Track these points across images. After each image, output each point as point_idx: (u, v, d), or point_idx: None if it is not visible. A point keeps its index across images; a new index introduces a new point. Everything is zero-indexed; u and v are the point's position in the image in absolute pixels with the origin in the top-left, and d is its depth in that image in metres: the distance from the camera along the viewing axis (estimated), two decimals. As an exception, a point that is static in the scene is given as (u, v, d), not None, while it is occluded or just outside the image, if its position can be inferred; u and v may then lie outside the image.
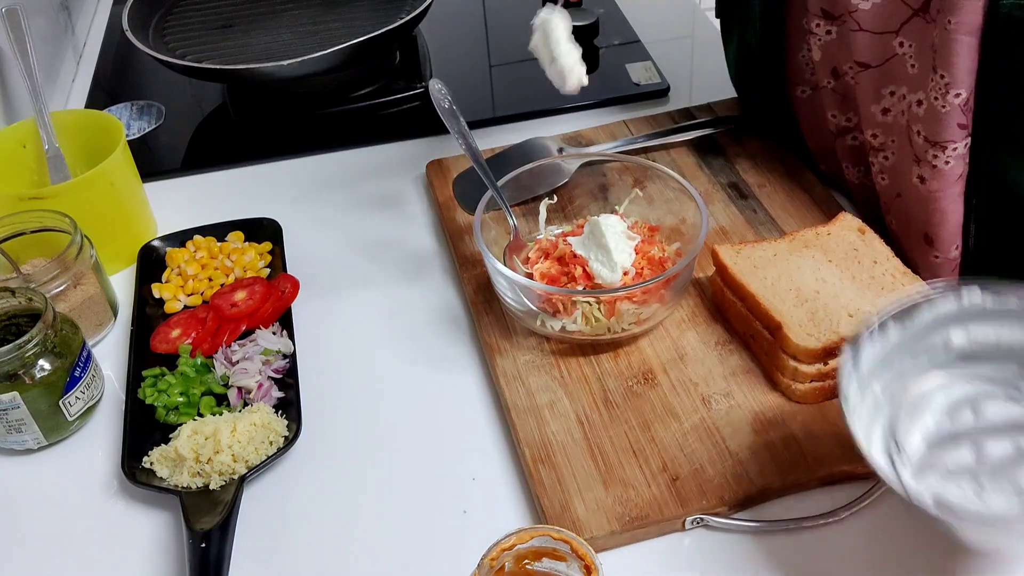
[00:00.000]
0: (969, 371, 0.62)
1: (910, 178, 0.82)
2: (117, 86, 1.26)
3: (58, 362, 0.76)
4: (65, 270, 0.82)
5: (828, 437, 0.72)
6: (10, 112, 1.10)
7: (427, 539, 0.70)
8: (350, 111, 1.15)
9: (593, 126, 1.07)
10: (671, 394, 0.76)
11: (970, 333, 0.61)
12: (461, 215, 0.95)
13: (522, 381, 0.78)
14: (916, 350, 0.61)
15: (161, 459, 0.74)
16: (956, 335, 0.61)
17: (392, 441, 0.77)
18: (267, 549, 0.70)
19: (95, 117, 0.99)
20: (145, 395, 0.79)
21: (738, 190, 0.95)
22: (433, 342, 0.85)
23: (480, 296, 0.86)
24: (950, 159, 0.77)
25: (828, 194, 0.93)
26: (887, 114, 0.83)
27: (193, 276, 0.90)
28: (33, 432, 0.76)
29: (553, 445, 0.73)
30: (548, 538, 0.58)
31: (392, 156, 1.08)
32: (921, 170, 0.80)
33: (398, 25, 1.08)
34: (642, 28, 1.25)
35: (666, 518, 0.68)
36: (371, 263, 0.94)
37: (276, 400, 0.79)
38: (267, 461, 0.73)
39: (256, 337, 0.83)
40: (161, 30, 1.19)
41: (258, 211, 0.97)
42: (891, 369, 0.60)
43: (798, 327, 0.74)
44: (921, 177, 0.80)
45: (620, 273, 0.79)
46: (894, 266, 0.79)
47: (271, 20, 1.22)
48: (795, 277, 0.79)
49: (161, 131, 1.16)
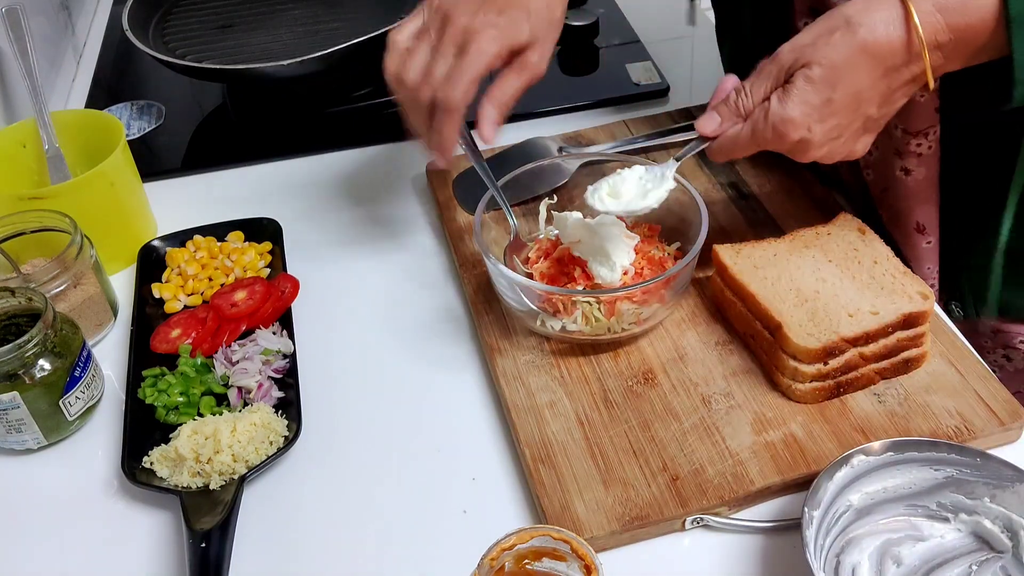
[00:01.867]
0: (870, 522, 0.67)
1: (894, 172, 0.82)
2: (117, 86, 1.26)
3: (58, 362, 0.76)
4: (65, 270, 0.82)
5: (828, 437, 0.72)
6: (10, 112, 1.10)
7: (427, 539, 0.70)
8: (350, 111, 1.15)
9: (593, 126, 1.06)
10: (671, 394, 0.76)
11: (864, 491, 0.68)
12: (461, 215, 0.95)
13: (522, 381, 0.78)
14: (829, 525, 0.66)
15: (161, 459, 0.74)
16: (854, 497, 0.67)
17: (392, 441, 0.77)
18: (267, 549, 0.70)
19: (95, 117, 0.99)
20: (145, 395, 0.79)
21: (738, 190, 0.95)
22: (433, 342, 0.85)
23: (480, 296, 0.86)
24: (932, 143, 0.79)
25: (828, 194, 0.93)
26: None
27: (193, 276, 0.90)
28: (33, 432, 0.76)
29: (553, 445, 0.73)
30: (548, 538, 0.58)
31: (392, 156, 1.08)
32: (904, 162, 0.81)
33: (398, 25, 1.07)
34: (642, 28, 1.25)
35: (666, 518, 0.68)
36: (371, 263, 0.94)
37: (276, 400, 0.79)
38: (267, 461, 0.73)
39: (256, 337, 0.83)
40: (161, 30, 1.19)
41: (258, 211, 0.97)
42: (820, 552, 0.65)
43: (798, 327, 0.74)
44: (905, 169, 0.81)
45: (620, 273, 0.79)
46: (894, 266, 0.79)
47: (271, 20, 1.22)
48: (795, 277, 0.79)
49: (161, 131, 1.16)
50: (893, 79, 0.70)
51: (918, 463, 0.67)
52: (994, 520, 0.66)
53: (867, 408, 0.74)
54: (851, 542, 0.66)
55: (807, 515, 0.63)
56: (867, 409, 0.74)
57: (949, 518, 0.67)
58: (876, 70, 0.70)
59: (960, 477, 0.67)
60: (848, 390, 0.74)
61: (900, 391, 0.75)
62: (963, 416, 0.72)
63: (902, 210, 0.85)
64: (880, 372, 0.75)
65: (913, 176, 0.81)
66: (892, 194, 0.85)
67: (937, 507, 0.67)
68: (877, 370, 0.75)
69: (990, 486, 0.66)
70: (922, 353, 0.76)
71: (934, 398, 0.74)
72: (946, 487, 0.67)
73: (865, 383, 0.75)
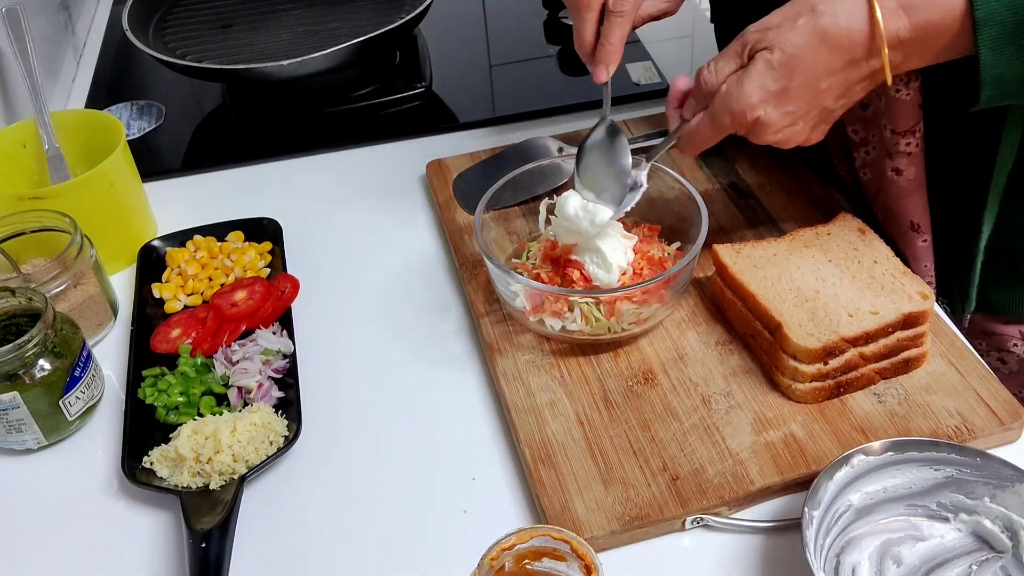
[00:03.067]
0: (870, 522, 0.67)
1: (886, 172, 0.83)
2: (117, 86, 1.26)
3: (58, 362, 0.76)
4: (65, 270, 0.82)
5: (828, 437, 0.72)
6: (10, 112, 1.10)
7: (427, 539, 0.70)
8: (350, 111, 1.15)
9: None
10: (671, 394, 0.76)
11: (864, 490, 0.68)
12: (461, 215, 0.95)
13: (522, 381, 0.78)
14: (829, 525, 0.66)
15: (161, 459, 0.74)
16: (853, 497, 0.67)
17: (392, 441, 0.77)
18: (267, 549, 0.70)
19: (95, 117, 0.99)
20: (145, 395, 0.79)
21: (738, 190, 0.95)
22: (433, 342, 0.85)
23: (480, 296, 0.86)
24: (918, 141, 0.80)
25: (828, 193, 0.93)
26: (866, 108, 0.83)
27: (193, 276, 0.90)
28: (33, 432, 0.76)
29: (553, 445, 0.73)
30: (548, 538, 0.58)
31: (392, 156, 1.08)
32: (895, 162, 0.81)
33: (398, 25, 1.08)
34: (642, 28, 1.25)
35: (666, 518, 0.68)
36: (371, 263, 0.94)
37: (276, 400, 0.79)
38: (267, 461, 0.73)
39: (256, 337, 0.83)
40: (161, 30, 1.19)
41: (258, 211, 0.97)
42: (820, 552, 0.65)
43: (798, 327, 0.74)
44: (896, 169, 0.81)
45: (616, 274, 0.79)
46: (894, 266, 0.79)
47: (271, 20, 1.22)
48: (795, 277, 0.79)
49: (161, 131, 1.16)
50: (852, 72, 0.70)
51: (918, 463, 0.67)
52: (994, 520, 0.66)
53: (867, 408, 0.74)
54: (851, 542, 0.66)
55: (807, 515, 0.63)
56: (867, 409, 0.74)
57: (949, 518, 0.67)
58: (836, 62, 0.70)
59: (960, 477, 0.67)
60: (848, 390, 0.74)
61: (900, 391, 0.75)
62: (963, 416, 0.72)
63: (896, 209, 0.86)
64: (880, 372, 0.75)
65: (904, 175, 0.82)
66: (886, 194, 0.86)
67: (937, 507, 0.67)
68: (877, 370, 0.75)
69: (990, 486, 0.66)
70: (922, 353, 0.76)
71: (934, 398, 0.74)
72: (946, 487, 0.67)
73: (865, 383, 0.75)
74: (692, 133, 0.76)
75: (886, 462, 0.67)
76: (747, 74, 0.71)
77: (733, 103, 0.71)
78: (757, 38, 0.71)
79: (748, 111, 0.71)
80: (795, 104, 0.71)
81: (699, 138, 0.76)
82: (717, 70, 0.73)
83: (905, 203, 0.85)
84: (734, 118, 0.72)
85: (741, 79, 0.71)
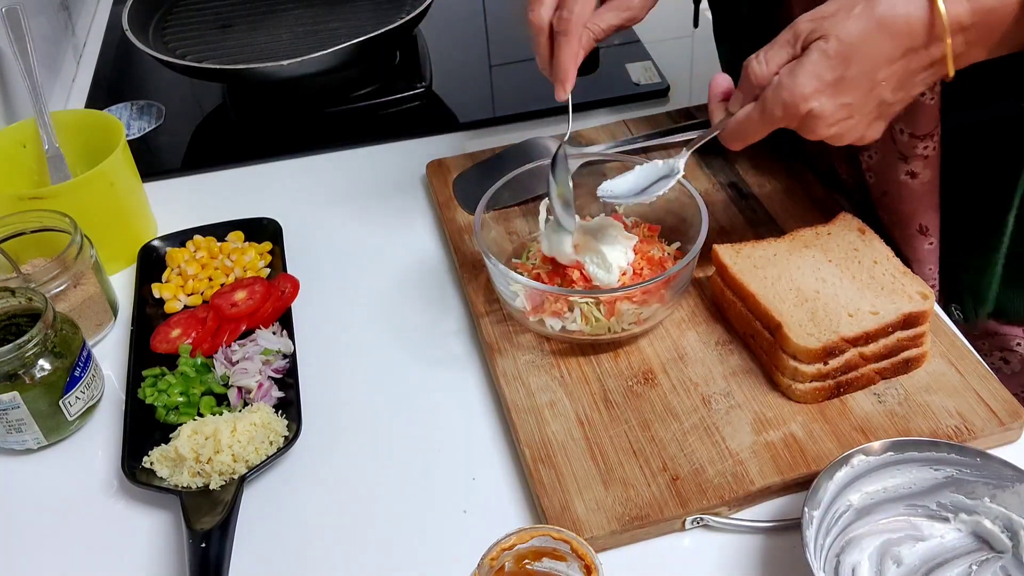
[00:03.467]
0: (870, 522, 0.67)
1: (897, 176, 0.82)
2: (117, 86, 1.26)
3: (58, 362, 0.76)
4: (65, 270, 0.82)
5: (828, 437, 0.72)
6: (10, 112, 1.10)
7: (427, 539, 0.70)
8: (350, 111, 1.15)
9: (593, 126, 1.06)
10: (671, 394, 0.76)
11: (864, 490, 0.68)
12: (461, 215, 0.95)
13: (522, 381, 0.78)
14: (829, 525, 0.66)
15: (161, 459, 0.74)
16: (853, 497, 0.67)
17: (392, 441, 0.77)
18: (267, 549, 0.70)
19: (95, 117, 0.99)
20: (145, 395, 0.79)
21: (738, 190, 0.95)
22: (433, 342, 0.85)
23: (480, 296, 0.86)
24: (935, 145, 0.79)
25: (828, 194, 0.93)
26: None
27: (193, 276, 0.90)
28: (33, 432, 0.76)
29: (553, 445, 0.73)
30: (548, 538, 0.58)
31: (392, 156, 1.08)
32: (911, 166, 0.81)
33: (398, 25, 1.08)
34: (642, 28, 1.25)
35: (666, 518, 0.68)
36: (371, 263, 0.94)
37: (276, 400, 0.79)
38: (267, 461, 0.73)
39: (256, 337, 0.83)
40: (161, 30, 1.19)
41: (258, 211, 0.97)
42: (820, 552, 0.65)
43: (798, 327, 0.74)
44: (911, 172, 0.81)
45: (616, 274, 0.79)
46: (894, 266, 0.79)
47: (271, 20, 1.22)
48: (795, 277, 0.79)
49: (161, 131, 1.16)
50: (911, 61, 0.68)
51: (918, 463, 0.67)
52: (994, 520, 0.66)
53: (867, 408, 0.74)
54: (851, 542, 0.66)
55: (807, 515, 0.63)
56: (867, 409, 0.74)
57: (949, 518, 0.67)
58: (895, 50, 0.67)
59: (960, 477, 0.67)
60: (848, 390, 0.74)
61: (900, 391, 0.75)
62: (963, 416, 0.72)
63: (905, 212, 0.85)
64: (880, 372, 0.75)
65: (919, 179, 0.81)
66: (893, 197, 0.85)
67: (937, 507, 0.67)
68: (877, 370, 0.75)
69: (990, 486, 0.66)
70: (922, 353, 0.76)
71: (934, 398, 0.74)
72: (946, 487, 0.67)
73: (865, 383, 0.75)
74: (739, 125, 0.72)
75: (886, 462, 0.67)
76: (800, 64, 0.68)
77: (786, 94, 0.68)
78: (811, 27, 0.68)
79: (801, 102, 0.68)
80: (851, 95, 0.68)
81: (747, 131, 0.72)
82: (768, 60, 0.70)
83: (916, 206, 0.84)
84: (786, 110, 0.69)
85: (794, 69, 0.68)
